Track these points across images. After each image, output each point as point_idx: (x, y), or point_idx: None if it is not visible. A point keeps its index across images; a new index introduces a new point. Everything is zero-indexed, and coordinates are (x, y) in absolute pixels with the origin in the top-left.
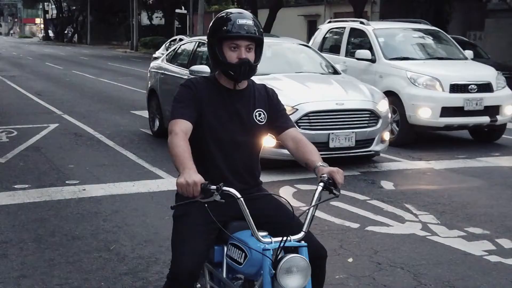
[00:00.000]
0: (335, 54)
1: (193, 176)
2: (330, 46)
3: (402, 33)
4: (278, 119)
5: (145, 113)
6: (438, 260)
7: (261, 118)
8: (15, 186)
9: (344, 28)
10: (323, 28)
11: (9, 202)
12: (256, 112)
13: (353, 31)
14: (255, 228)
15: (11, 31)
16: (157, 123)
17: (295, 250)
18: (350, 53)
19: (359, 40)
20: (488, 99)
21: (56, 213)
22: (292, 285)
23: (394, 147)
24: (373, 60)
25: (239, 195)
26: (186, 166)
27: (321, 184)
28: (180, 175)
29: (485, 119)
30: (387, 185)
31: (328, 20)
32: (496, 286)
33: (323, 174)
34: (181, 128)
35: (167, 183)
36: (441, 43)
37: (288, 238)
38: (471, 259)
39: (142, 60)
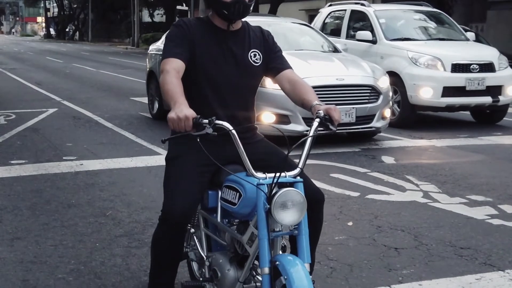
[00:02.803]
0: (335, 36)
1: (184, 110)
2: (331, 29)
3: (403, 15)
4: (274, 60)
5: (144, 100)
6: (440, 224)
7: (256, 59)
8: (12, 162)
9: (345, 10)
10: (324, 12)
11: (5, 175)
12: (251, 52)
13: (353, 13)
14: (248, 163)
15: (13, 30)
16: (156, 105)
17: (290, 186)
18: (350, 36)
19: (360, 22)
20: (490, 79)
21: (52, 184)
22: (287, 220)
23: (395, 128)
24: (374, 41)
25: (231, 127)
26: (178, 100)
27: (317, 120)
28: (172, 110)
29: (487, 99)
30: (388, 159)
31: (329, 4)
32: (499, 245)
33: (319, 111)
34: (173, 66)
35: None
36: (442, 24)
37: (283, 174)
38: (473, 222)
39: (143, 55)
